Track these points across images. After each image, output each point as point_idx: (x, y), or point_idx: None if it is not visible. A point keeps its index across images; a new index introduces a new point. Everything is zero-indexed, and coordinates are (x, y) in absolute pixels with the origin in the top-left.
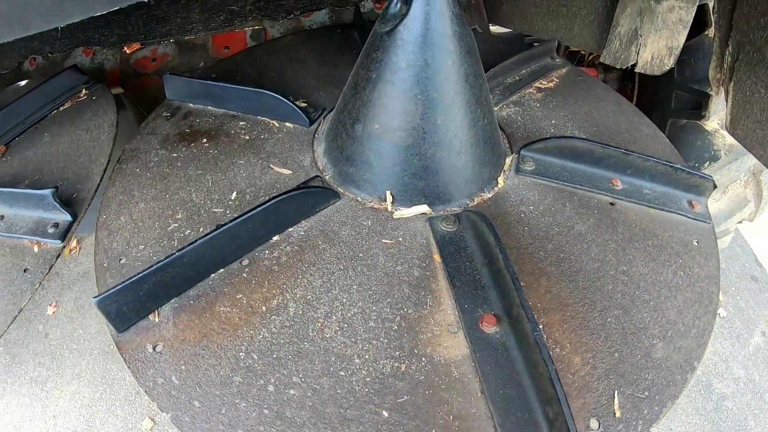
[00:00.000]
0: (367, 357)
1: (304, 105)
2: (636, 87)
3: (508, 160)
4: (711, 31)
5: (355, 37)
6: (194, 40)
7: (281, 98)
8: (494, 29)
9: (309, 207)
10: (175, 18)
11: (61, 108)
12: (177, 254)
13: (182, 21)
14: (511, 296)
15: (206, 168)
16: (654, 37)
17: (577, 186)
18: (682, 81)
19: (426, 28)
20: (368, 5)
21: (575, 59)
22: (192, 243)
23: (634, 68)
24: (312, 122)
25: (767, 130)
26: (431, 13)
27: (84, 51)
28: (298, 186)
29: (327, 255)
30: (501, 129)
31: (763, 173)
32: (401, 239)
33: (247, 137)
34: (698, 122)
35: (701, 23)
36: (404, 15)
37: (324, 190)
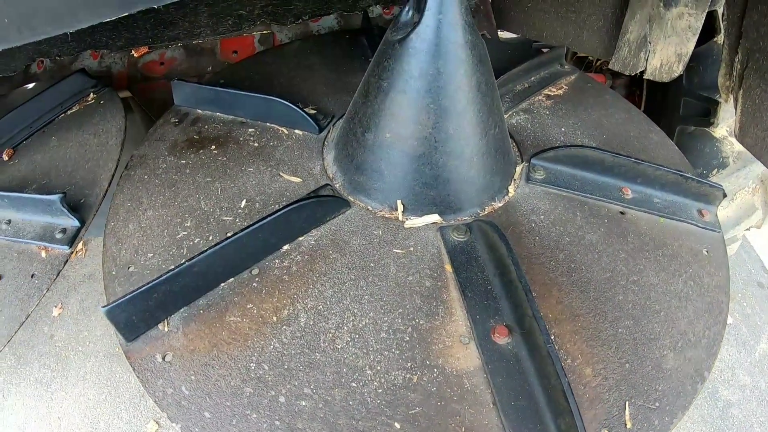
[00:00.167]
0: (379, 368)
1: (314, 112)
2: (644, 93)
3: (519, 169)
4: (720, 38)
5: (364, 43)
6: (202, 44)
7: (290, 105)
8: (502, 35)
9: (319, 216)
10: (183, 22)
11: (69, 112)
12: (187, 264)
13: (190, 25)
14: (524, 307)
15: (215, 175)
16: (663, 44)
17: (588, 195)
18: (691, 88)
19: (438, 37)
20: (376, 11)
21: (583, 65)
22: (202, 252)
23: (643, 75)
24: (321, 129)
25: None
26: (444, 22)
27: (92, 54)
28: (309, 194)
29: (338, 265)
30: (511, 137)
31: None
32: (412, 249)
33: (256, 144)
34: (707, 129)
35: (710, 30)
36: (416, 23)
37: (335, 199)
